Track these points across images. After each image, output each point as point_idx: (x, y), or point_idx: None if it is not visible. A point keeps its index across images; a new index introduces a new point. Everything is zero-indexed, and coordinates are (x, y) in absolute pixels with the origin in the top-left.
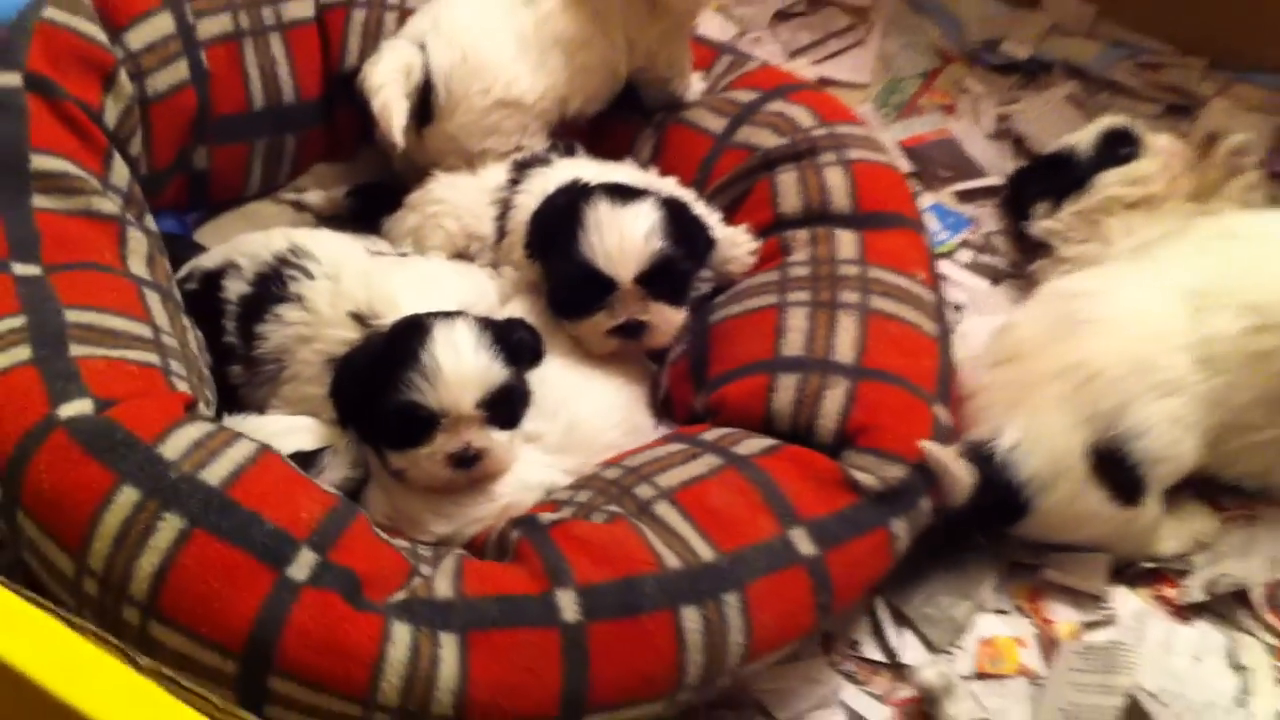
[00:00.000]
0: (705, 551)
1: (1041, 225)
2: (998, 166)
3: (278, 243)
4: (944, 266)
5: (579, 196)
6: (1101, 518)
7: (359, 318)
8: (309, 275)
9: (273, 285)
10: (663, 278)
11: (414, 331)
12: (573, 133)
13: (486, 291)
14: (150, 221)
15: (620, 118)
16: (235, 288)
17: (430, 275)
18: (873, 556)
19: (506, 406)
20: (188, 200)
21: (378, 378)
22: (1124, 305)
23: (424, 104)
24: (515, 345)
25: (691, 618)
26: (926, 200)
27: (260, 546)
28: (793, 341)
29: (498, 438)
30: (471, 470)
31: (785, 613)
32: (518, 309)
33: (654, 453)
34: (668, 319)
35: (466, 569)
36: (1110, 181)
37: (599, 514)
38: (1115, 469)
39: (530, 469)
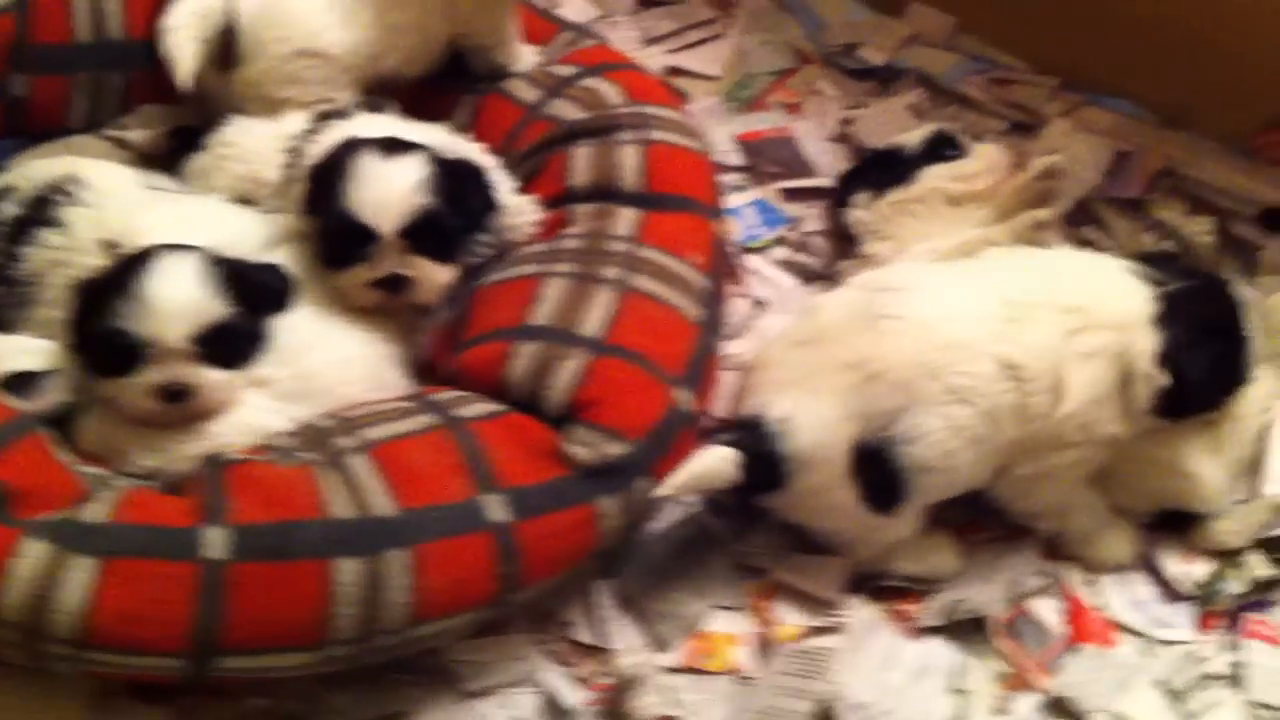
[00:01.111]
0: (383, 506)
1: (855, 215)
2: (831, 169)
3: (58, 169)
4: (755, 262)
5: (350, 149)
6: (847, 516)
7: (109, 245)
8: (77, 202)
9: (42, 209)
10: (427, 233)
11: (140, 260)
12: (397, 93)
13: (250, 234)
14: None
15: (447, 83)
16: (8, 209)
17: (190, 212)
18: (574, 531)
19: (225, 345)
20: (4, 127)
21: (96, 303)
22: (933, 306)
23: (228, 48)
24: (256, 288)
25: (348, 570)
26: (749, 195)
27: None
28: (542, 311)
29: (212, 376)
30: (182, 406)
31: (460, 578)
32: (282, 256)
33: (374, 406)
34: (431, 276)
35: (127, 497)
36: (936, 174)
37: (289, 459)
38: (875, 471)
39: (252, 412)
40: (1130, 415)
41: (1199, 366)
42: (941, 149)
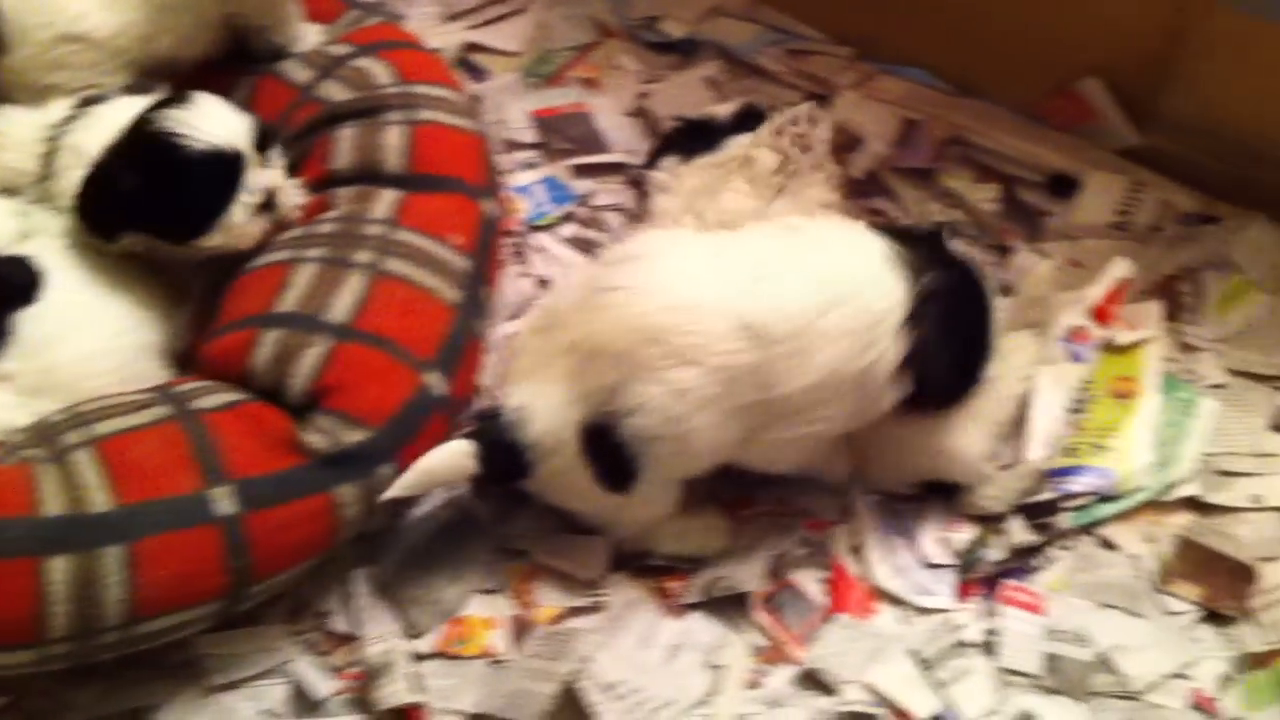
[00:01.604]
0: (100, 502)
1: (657, 177)
2: (626, 144)
3: None
4: (542, 239)
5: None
6: (590, 498)
7: None
8: None
9: None
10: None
11: None
12: (175, 76)
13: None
14: None
15: (228, 65)
16: None
17: None
18: (310, 522)
19: None
20: None
21: None
22: (661, 271)
23: None
24: None
25: (59, 568)
26: (540, 173)
27: None
28: (291, 298)
29: None
30: None
31: (185, 573)
32: (36, 248)
33: (110, 400)
34: (289, 187)
35: None
36: (740, 143)
37: (10, 457)
38: (603, 450)
39: None
40: (869, 409)
41: (941, 372)
42: (750, 122)
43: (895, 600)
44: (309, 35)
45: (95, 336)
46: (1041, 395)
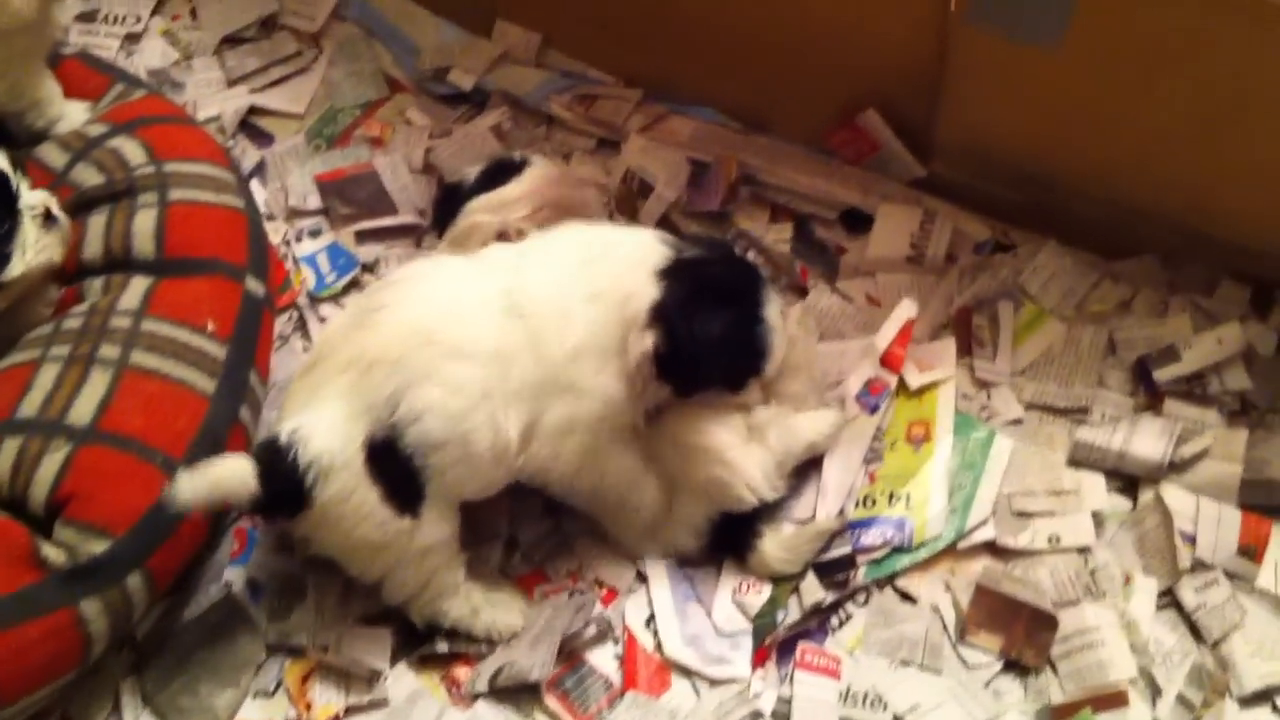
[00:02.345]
0: None
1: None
2: (415, 204)
3: None
4: (326, 310)
5: None
6: (375, 521)
7: None
8: None
9: None
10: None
11: None
12: None
13: None
14: None
15: None
16: None
17: None
18: (53, 640)
19: None
20: None
21: None
22: (428, 283)
23: None
24: None
25: None
26: (323, 241)
27: None
28: (33, 400)
29: None
30: None
31: None
32: None
33: None
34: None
35: None
36: (475, 207)
37: None
38: (390, 464)
39: None
40: (633, 377)
41: (694, 331)
42: (499, 177)
43: (687, 672)
44: (73, 114)
45: None
46: (836, 451)
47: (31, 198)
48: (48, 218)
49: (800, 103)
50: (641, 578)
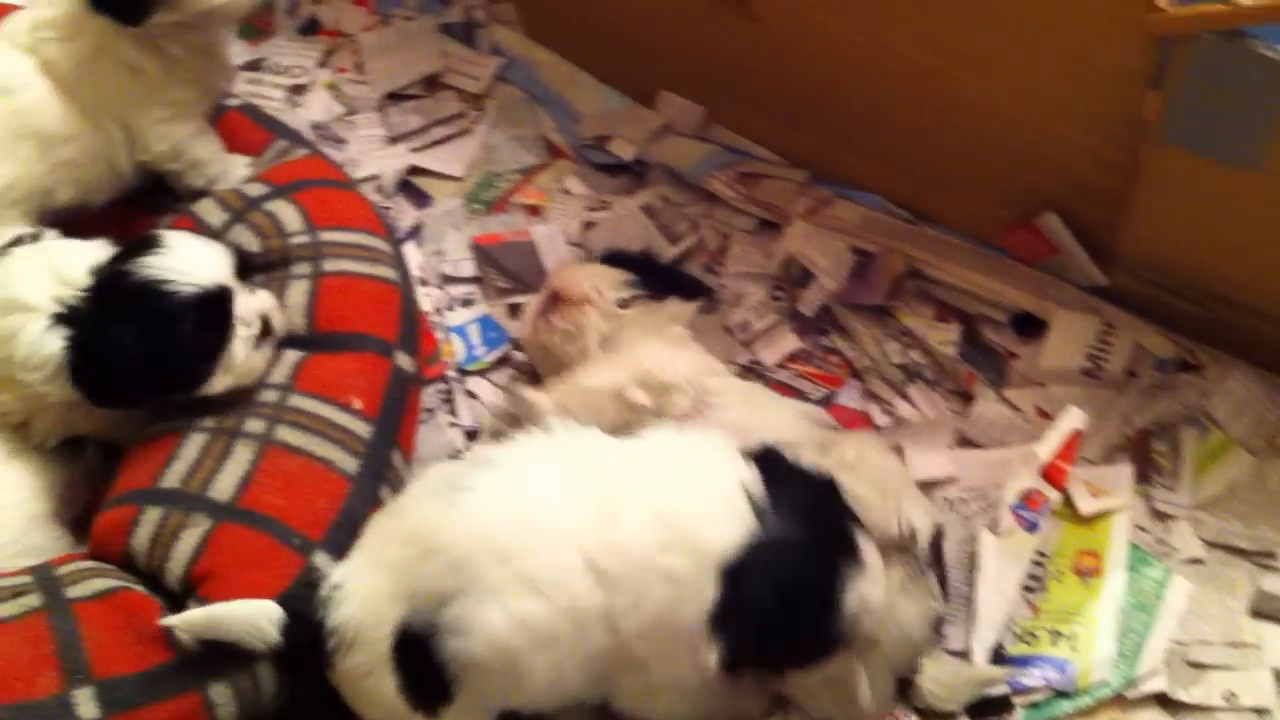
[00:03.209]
0: None
1: None
2: None
3: None
4: (475, 385)
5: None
6: (387, 709)
7: None
8: None
9: None
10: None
11: None
12: (83, 219)
13: None
14: None
15: (149, 204)
16: None
17: None
18: None
19: None
20: None
21: None
22: (515, 484)
23: None
24: None
25: None
26: (475, 311)
27: None
28: (175, 471)
29: None
30: None
31: None
32: None
33: None
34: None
35: None
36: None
37: None
38: (417, 661)
39: None
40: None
41: (771, 630)
42: None
43: None
44: (235, 170)
45: None
46: (989, 571)
47: (250, 307)
48: (264, 334)
49: (974, 198)
50: None
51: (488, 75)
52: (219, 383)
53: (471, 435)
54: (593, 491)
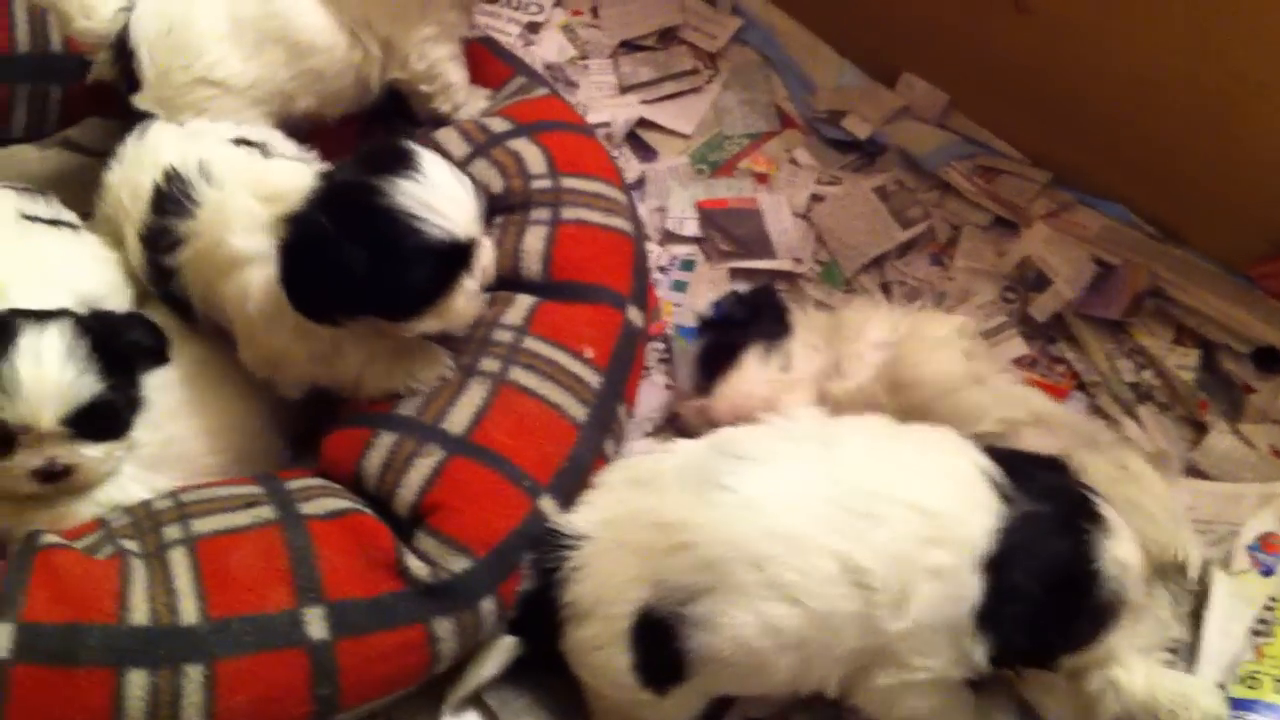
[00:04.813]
0: (189, 613)
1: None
2: (792, 250)
3: None
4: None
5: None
6: (615, 682)
7: None
8: None
9: None
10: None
11: (2, 335)
12: (318, 131)
13: (120, 284)
14: None
15: (387, 124)
16: None
17: (51, 259)
18: (403, 654)
19: (101, 420)
20: None
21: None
22: (771, 487)
23: (129, 72)
24: (126, 348)
25: (137, 683)
26: (696, 274)
27: None
28: (411, 401)
29: (89, 452)
30: (60, 484)
31: (268, 697)
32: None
33: (217, 491)
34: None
35: None
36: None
37: (108, 546)
38: (655, 644)
39: (115, 483)
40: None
41: (1024, 630)
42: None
43: None
44: (474, 102)
45: (216, 411)
46: (1218, 608)
47: (485, 261)
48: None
49: (1225, 222)
50: None
51: (725, 35)
52: (427, 325)
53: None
54: (847, 490)
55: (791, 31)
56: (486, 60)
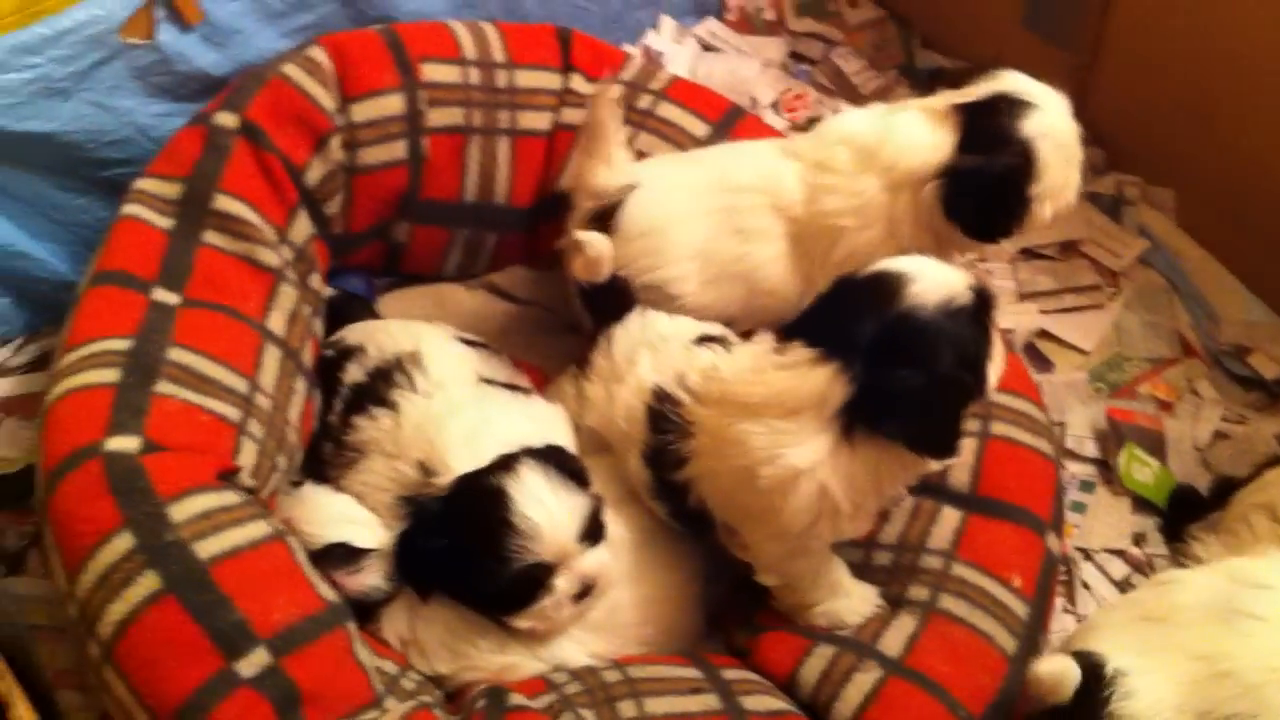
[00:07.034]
0: None
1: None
2: (1192, 477)
3: (404, 344)
4: (1089, 573)
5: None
6: None
7: (423, 468)
8: (411, 388)
9: (380, 384)
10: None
11: (488, 500)
12: None
13: (552, 433)
14: (316, 280)
15: None
16: (354, 373)
17: (486, 424)
18: None
19: (597, 526)
20: (381, 264)
21: (472, 561)
22: None
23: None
24: (576, 469)
25: None
26: (1093, 497)
27: (218, 631)
28: None
29: (599, 556)
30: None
31: None
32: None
33: (662, 670)
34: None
35: (410, 718)
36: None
37: (568, 714)
38: None
39: (557, 641)
40: None
41: None
42: None
43: None
44: None
45: (655, 581)
46: None
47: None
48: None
49: None
50: None
51: (1131, 255)
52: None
53: None
54: None
55: (1198, 258)
56: None
